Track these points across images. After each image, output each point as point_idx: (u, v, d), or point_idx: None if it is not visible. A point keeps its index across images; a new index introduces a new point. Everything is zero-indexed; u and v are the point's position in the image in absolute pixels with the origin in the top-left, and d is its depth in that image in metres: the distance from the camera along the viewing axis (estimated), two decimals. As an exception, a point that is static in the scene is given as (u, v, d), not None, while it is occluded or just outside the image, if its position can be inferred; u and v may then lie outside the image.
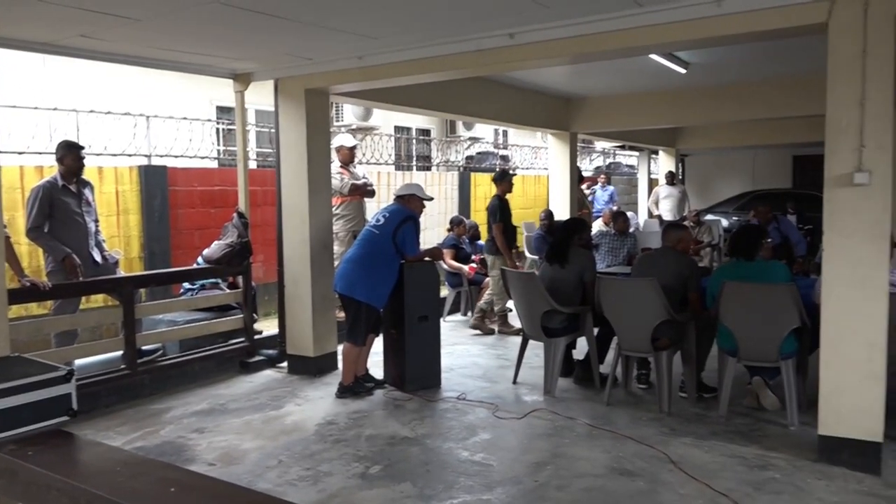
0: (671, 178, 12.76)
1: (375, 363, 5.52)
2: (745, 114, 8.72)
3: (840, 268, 3.72)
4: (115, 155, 7.19)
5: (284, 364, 6.04)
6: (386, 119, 12.81)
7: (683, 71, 7.14)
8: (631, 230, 9.87)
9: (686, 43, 4.59)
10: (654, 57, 6.33)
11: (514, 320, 6.72)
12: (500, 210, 6.98)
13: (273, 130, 6.11)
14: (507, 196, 7.25)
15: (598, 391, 5.15)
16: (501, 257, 7.00)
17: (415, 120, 14.45)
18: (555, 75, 7.88)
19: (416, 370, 5.28)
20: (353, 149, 7.09)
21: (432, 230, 10.06)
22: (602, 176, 13.22)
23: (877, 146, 3.61)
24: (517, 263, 7.09)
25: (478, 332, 7.32)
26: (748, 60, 7.03)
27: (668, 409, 4.69)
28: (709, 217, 12.71)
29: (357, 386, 5.22)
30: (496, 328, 7.35)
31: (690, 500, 3.43)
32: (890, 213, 3.68)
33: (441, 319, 7.67)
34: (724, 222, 12.74)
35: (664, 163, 14.14)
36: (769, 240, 4.97)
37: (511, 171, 7.55)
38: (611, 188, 12.97)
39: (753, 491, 3.52)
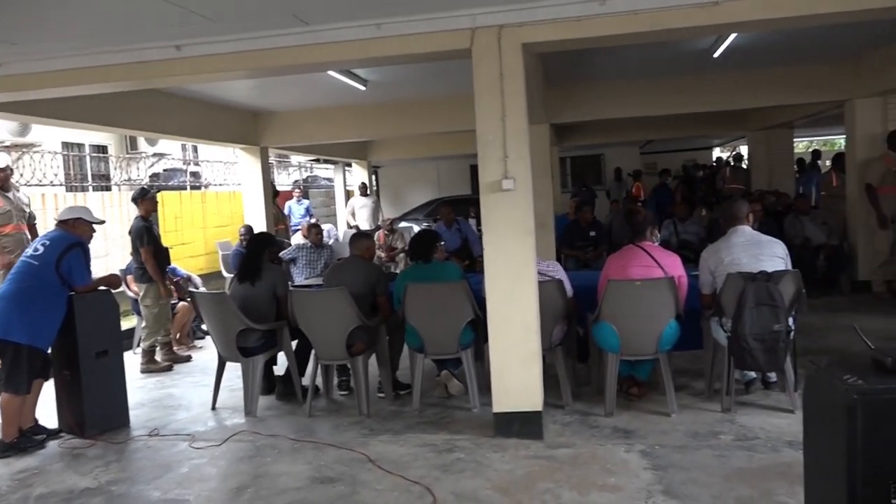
0: (364, 189, 13.33)
1: (47, 411, 4.87)
2: (422, 128, 9.49)
3: (497, 263, 4.23)
4: None
5: (-76, 430, 5.00)
6: (51, 134, 11.36)
7: (363, 88, 7.52)
8: (330, 241, 10.11)
9: (352, 62, 4.85)
10: (333, 74, 6.56)
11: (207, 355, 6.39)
12: (146, 232, 6.39)
13: None
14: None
15: (301, 404, 5.16)
16: (154, 285, 6.45)
17: (88, 135, 13.04)
18: (239, 89, 7.73)
19: (98, 412, 4.76)
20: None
21: (115, 255, 9.18)
22: (296, 190, 13.31)
23: (518, 156, 4.18)
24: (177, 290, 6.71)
25: (151, 374, 6.53)
26: (420, 79, 7.65)
27: (367, 412, 4.89)
28: (402, 224, 13.52)
29: (23, 441, 4.53)
30: (165, 361, 6.72)
31: (387, 494, 3.61)
32: (532, 213, 4.30)
33: (131, 351, 7.11)
34: (416, 228, 13.66)
35: (358, 174, 14.71)
36: (443, 242, 5.44)
37: (153, 188, 7.13)
38: (306, 201, 13.12)
39: (442, 474, 3.82)
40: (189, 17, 3.86)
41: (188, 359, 6.92)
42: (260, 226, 9.33)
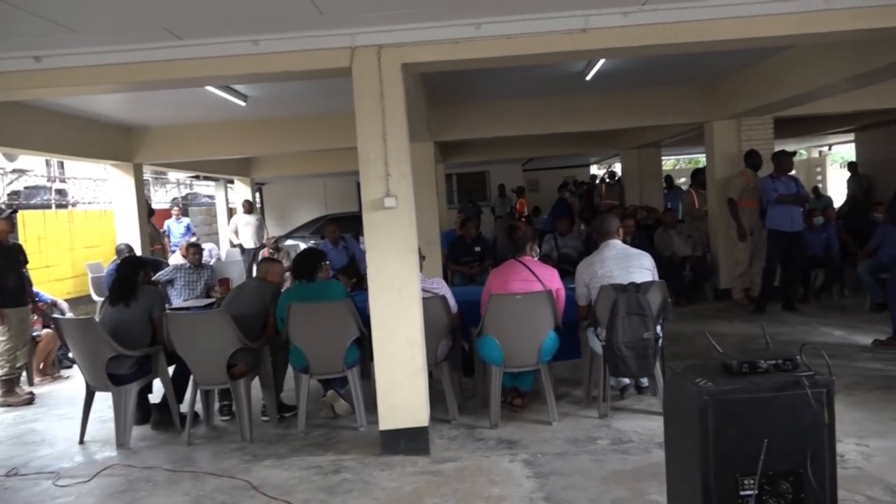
0: (249, 207, 12.96)
1: None
2: (306, 145, 9.38)
3: (381, 280, 4.24)
4: None
5: None
6: None
7: (243, 104, 7.35)
8: (211, 262, 9.77)
9: (229, 78, 4.75)
10: (211, 89, 6.38)
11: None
12: None
13: None
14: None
15: (180, 432, 4.94)
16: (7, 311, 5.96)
17: (-65, 150, 11.91)
18: (110, 102, 7.36)
19: (-54, 453, 4.35)
20: None
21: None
22: (176, 208, 12.80)
23: (400, 175, 4.22)
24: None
25: (9, 407, 6.02)
26: (303, 96, 7.58)
27: (250, 436, 4.74)
28: (288, 242, 13.27)
29: None
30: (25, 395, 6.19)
31: (270, 521, 3.52)
32: (416, 231, 4.35)
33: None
34: (302, 246, 13.44)
35: (241, 192, 14.31)
36: (327, 262, 5.40)
37: (10, 208, 6.67)
38: (186, 219, 12.63)
39: (328, 496, 3.77)
40: (49, 27, 3.65)
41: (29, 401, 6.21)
42: (135, 247, 8.87)
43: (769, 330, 2.45)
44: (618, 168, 17.19)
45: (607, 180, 14.18)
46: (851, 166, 14.39)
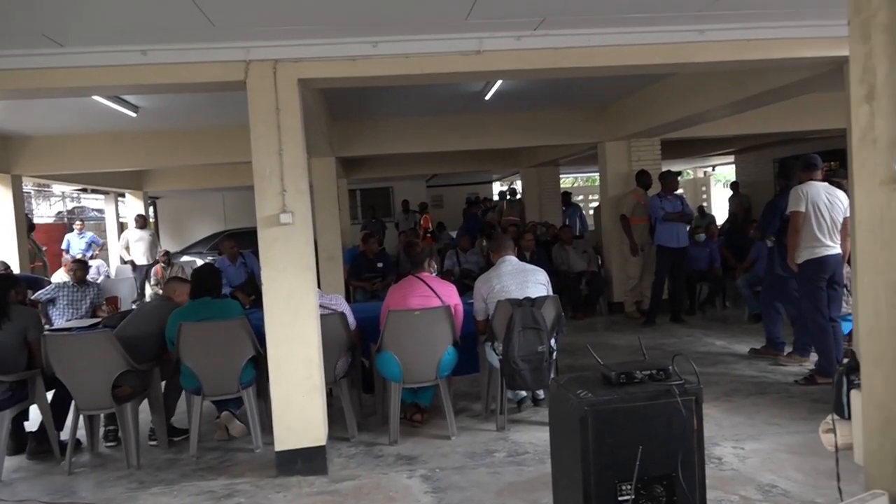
0: (142, 222, 12.42)
1: None
2: (201, 158, 9.10)
3: (277, 298, 4.17)
4: None
5: None
6: None
7: (134, 115, 7.07)
8: (99, 279, 9.29)
9: (116, 88, 4.56)
10: (98, 98, 6.10)
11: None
12: None
13: None
14: None
15: (60, 461, 4.64)
16: None
17: None
18: (-16, 110, 6.89)
19: None
20: None
21: None
22: (79, 222, 12.20)
23: (296, 190, 4.17)
24: None
25: None
26: (198, 108, 7.36)
27: (137, 463, 4.51)
28: (184, 259, 12.79)
29: None
30: None
31: (156, 551, 3.36)
32: (312, 247, 4.31)
33: None
34: (199, 262, 12.97)
35: (133, 206, 13.70)
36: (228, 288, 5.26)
37: None
38: (89, 234, 12.04)
39: (219, 521, 3.65)
40: (-90, 29, 3.40)
41: None
42: (13, 264, 8.29)
43: (658, 341, 2.60)
44: (518, 185, 17.62)
45: (508, 197, 14.52)
46: (734, 186, 15.37)
